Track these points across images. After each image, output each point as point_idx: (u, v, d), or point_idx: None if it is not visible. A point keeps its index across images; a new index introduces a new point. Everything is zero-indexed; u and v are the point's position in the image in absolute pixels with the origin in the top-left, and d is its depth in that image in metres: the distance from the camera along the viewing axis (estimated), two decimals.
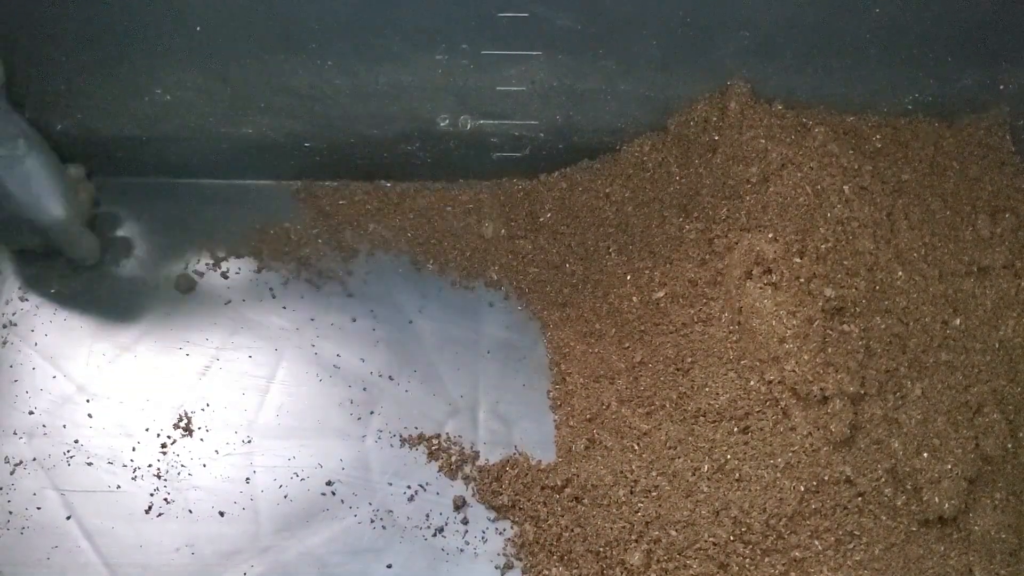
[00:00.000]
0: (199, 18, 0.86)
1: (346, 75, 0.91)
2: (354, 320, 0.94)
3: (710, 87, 0.94)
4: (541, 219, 0.98)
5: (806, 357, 0.81)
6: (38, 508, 0.83)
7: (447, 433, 0.88)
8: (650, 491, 0.81)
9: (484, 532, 0.83)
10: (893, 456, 0.80)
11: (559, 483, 0.83)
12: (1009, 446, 0.80)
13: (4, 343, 0.92)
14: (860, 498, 0.80)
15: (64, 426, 0.87)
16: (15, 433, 0.87)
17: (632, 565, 0.78)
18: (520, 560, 0.81)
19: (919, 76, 0.93)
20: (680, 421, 0.83)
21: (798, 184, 0.88)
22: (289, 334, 0.93)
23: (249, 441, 0.87)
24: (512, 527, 0.83)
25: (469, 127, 0.97)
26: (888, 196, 0.88)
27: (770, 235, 0.88)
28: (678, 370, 0.86)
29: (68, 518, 0.83)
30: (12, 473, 0.85)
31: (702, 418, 0.83)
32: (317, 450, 0.87)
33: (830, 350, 0.82)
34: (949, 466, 0.79)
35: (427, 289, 0.96)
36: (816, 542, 0.79)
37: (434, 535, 0.83)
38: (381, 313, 0.95)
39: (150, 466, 0.86)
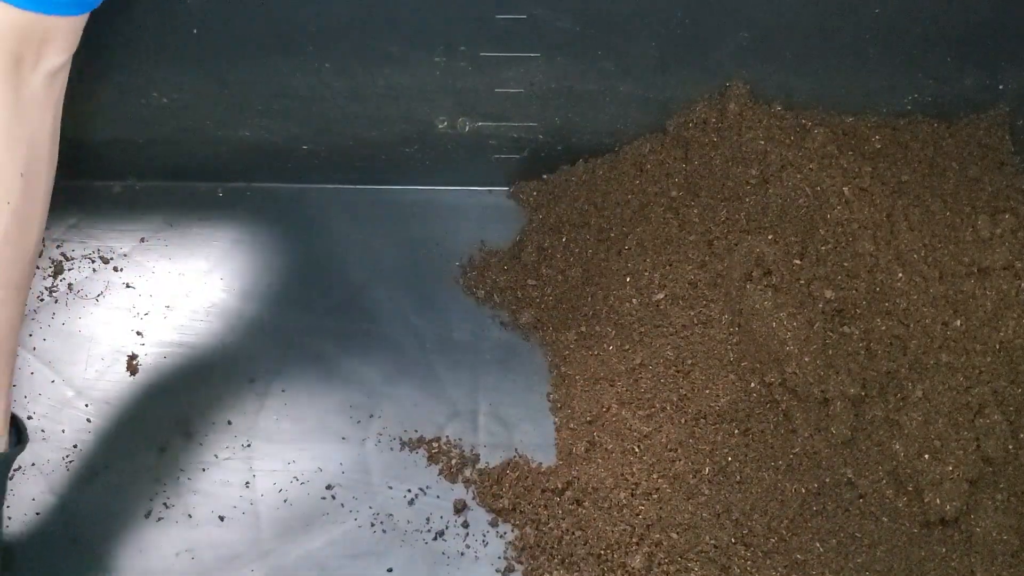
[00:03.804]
0: (196, 20, 0.86)
1: (344, 77, 0.91)
2: (354, 323, 0.94)
3: (709, 88, 0.93)
4: (540, 221, 0.98)
5: (807, 359, 0.81)
6: (37, 514, 0.83)
7: (447, 436, 0.88)
8: (651, 494, 0.81)
9: (485, 535, 0.83)
10: (894, 458, 0.81)
11: (560, 486, 0.83)
12: (1010, 447, 0.80)
13: None
14: (862, 500, 0.80)
15: (63, 431, 0.87)
16: None
17: (633, 568, 0.78)
18: (521, 563, 0.81)
19: (918, 76, 0.93)
20: (681, 423, 0.83)
21: (797, 186, 0.88)
22: (289, 337, 0.93)
23: (248, 445, 0.87)
24: (513, 530, 0.83)
25: (467, 129, 0.97)
26: (888, 197, 0.88)
27: (770, 237, 0.88)
28: (678, 372, 0.86)
29: (67, 523, 0.83)
30: (11, 478, 0.85)
31: (703, 420, 0.83)
32: (317, 454, 0.87)
33: (831, 352, 0.82)
34: (950, 468, 0.79)
35: (427, 292, 0.96)
36: (818, 544, 0.79)
37: (434, 538, 0.83)
38: (381, 316, 0.94)
39: (149, 471, 0.85)
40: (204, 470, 0.86)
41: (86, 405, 0.89)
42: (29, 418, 0.87)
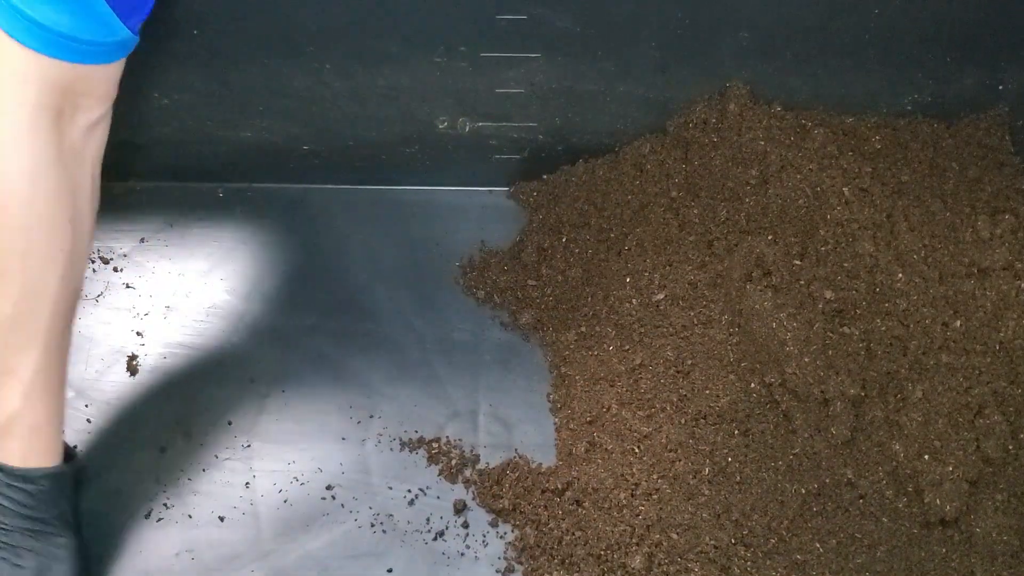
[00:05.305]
0: (196, 20, 0.86)
1: (345, 78, 0.91)
2: (354, 324, 0.94)
3: (709, 89, 0.93)
4: (540, 221, 0.98)
5: (807, 360, 0.81)
6: None
7: (447, 436, 0.88)
8: (651, 494, 0.81)
9: (485, 536, 0.83)
10: (894, 458, 0.81)
11: (560, 486, 0.83)
12: (1010, 448, 0.80)
13: None
14: (862, 500, 0.80)
15: (63, 431, 0.87)
16: None
17: (633, 568, 0.78)
18: (521, 564, 0.81)
19: (918, 77, 0.93)
20: (680, 424, 0.83)
21: (797, 186, 0.88)
22: (289, 338, 0.93)
23: (248, 446, 0.87)
24: (513, 531, 0.83)
25: (468, 129, 0.97)
26: (888, 198, 0.88)
27: (770, 237, 0.88)
28: (678, 372, 0.86)
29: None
30: None
31: (703, 420, 0.83)
32: (317, 454, 0.87)
33: (831, 352, 0.82)
34: (950, 468, 0.79)
35: (427, 292, 0.96)
36: (818, 545, 0.79)
37: (435, 539, 0.83)
38: (381, 317, 0.94)
39: (149, 471, 0.85)
40: (204, 470, 0.86)
41: (86, 405, 0.89)
42: None
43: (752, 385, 0.84)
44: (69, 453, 0.78)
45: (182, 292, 0.96)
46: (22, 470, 0.73)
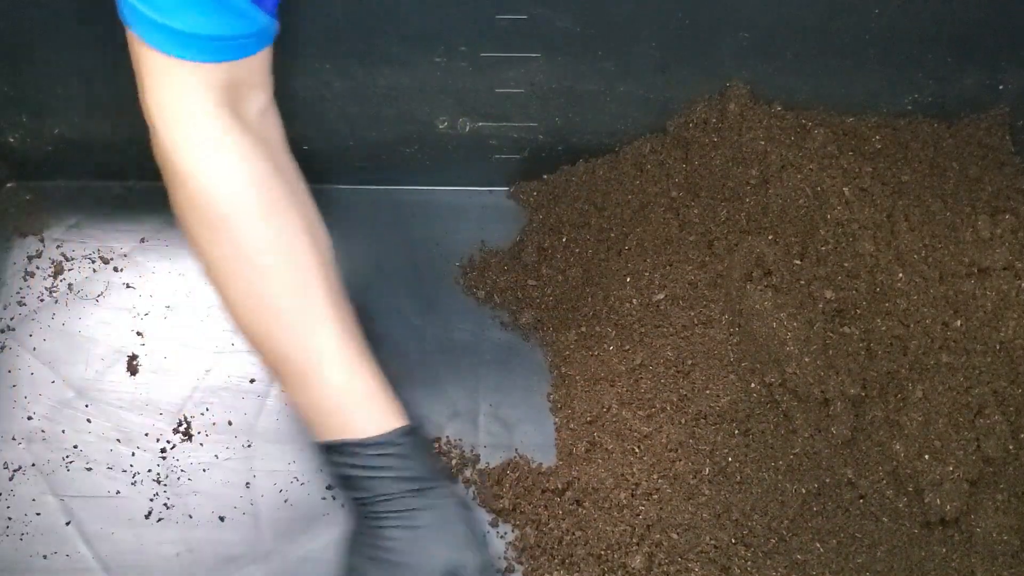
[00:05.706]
0: None
1: (344, 78, 0.91)
2: None
3: (709, 88, 0.93)
4: (540, 221, 0.98)
5: (807, 359, 0.81)
6: (37, 514, 0.83)
7: (447, 436, 0.88)
8: (651, 494, 0.81)
9: (485, 536, 0.83)
10: (894, 458, 0.81)
11: (560, 486, 0.83)
12: (1010, 447, 0.80)
13: (2, 348, 0.91)
14: (862, 500, 0.80)
15: (63, 431, 0.87)
16: (14, 439, 0.87)
17: (634, 568, 0.78)
18: (521, 564, 0.81)
19: (918, 77, 0.93)
20: (681, 424, 0.83)
21: (798, 186, 0.88)
22: None
23: (249, 446, 0.87)
24: (513, 531, 0.83)
25: (468, 129, 0.97)
26: (888, 197, 0.88)
27: (770, 237, 0.88)
28: (678, 372, 0.86)
29: (68, 523, 0.83)
30: (11, 479, 0.85)
31: (703, 420, 0.83)
32: (317, 454, 0.86)
33: (831, 352, 0.82)
34: (951, 468, 0.79)
35: (427, 292, 0.96)
36: (818, 544, 0.79)
37: None
38: (381, 317, 0.94)
39: (150, 471, 0.86)
40: (204, 471, 0.86)
41: (86, 405, 0.89)
42: (29, 418, 0.87)
43: (752, 385, 0.84)
44: None
45: (182, 292, 0.95)
46: (382, 437, 0.74)
